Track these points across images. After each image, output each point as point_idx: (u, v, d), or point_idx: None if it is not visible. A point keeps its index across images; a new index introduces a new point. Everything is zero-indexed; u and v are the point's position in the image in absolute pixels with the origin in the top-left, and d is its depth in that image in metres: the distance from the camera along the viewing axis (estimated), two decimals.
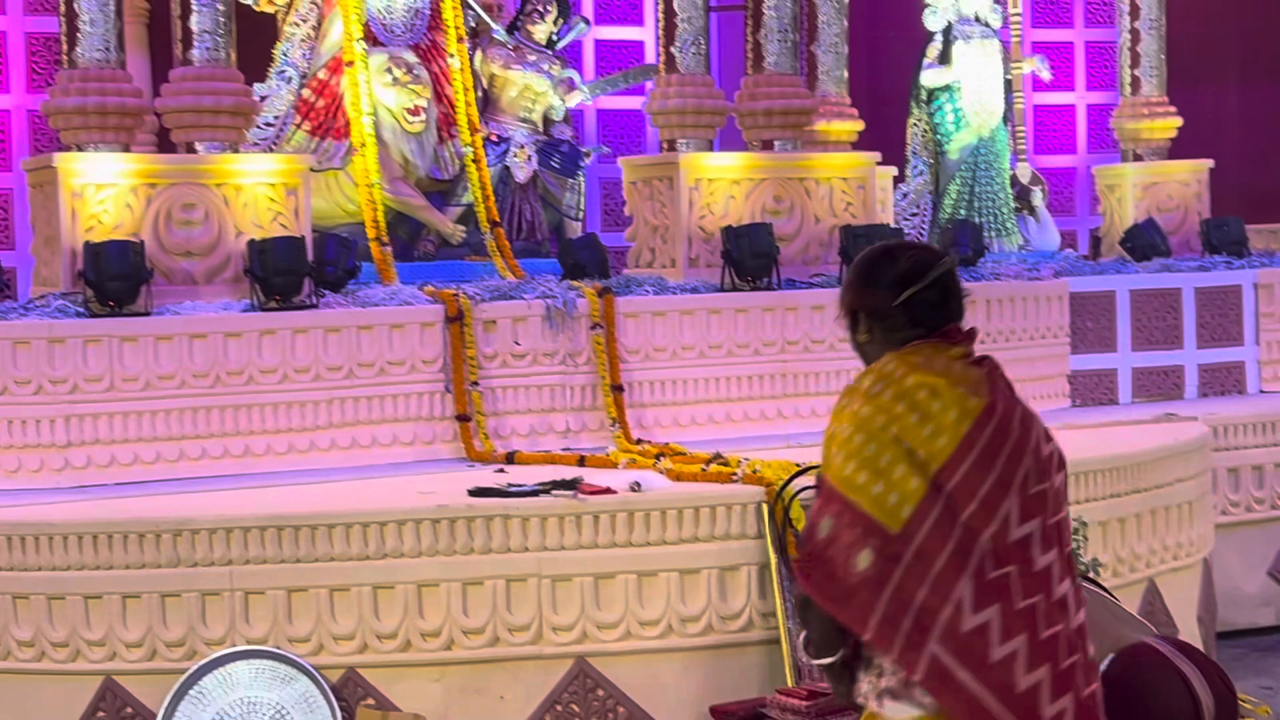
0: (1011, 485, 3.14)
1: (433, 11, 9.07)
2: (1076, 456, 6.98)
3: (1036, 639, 3.06)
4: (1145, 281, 9.60)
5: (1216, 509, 8.00)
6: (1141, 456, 7.29)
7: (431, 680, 5.99)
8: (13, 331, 7.30)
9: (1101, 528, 6.81)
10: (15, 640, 6.00)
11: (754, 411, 8.41)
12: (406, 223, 9.06)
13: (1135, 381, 9.47)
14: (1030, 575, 3.15)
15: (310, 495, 6.64)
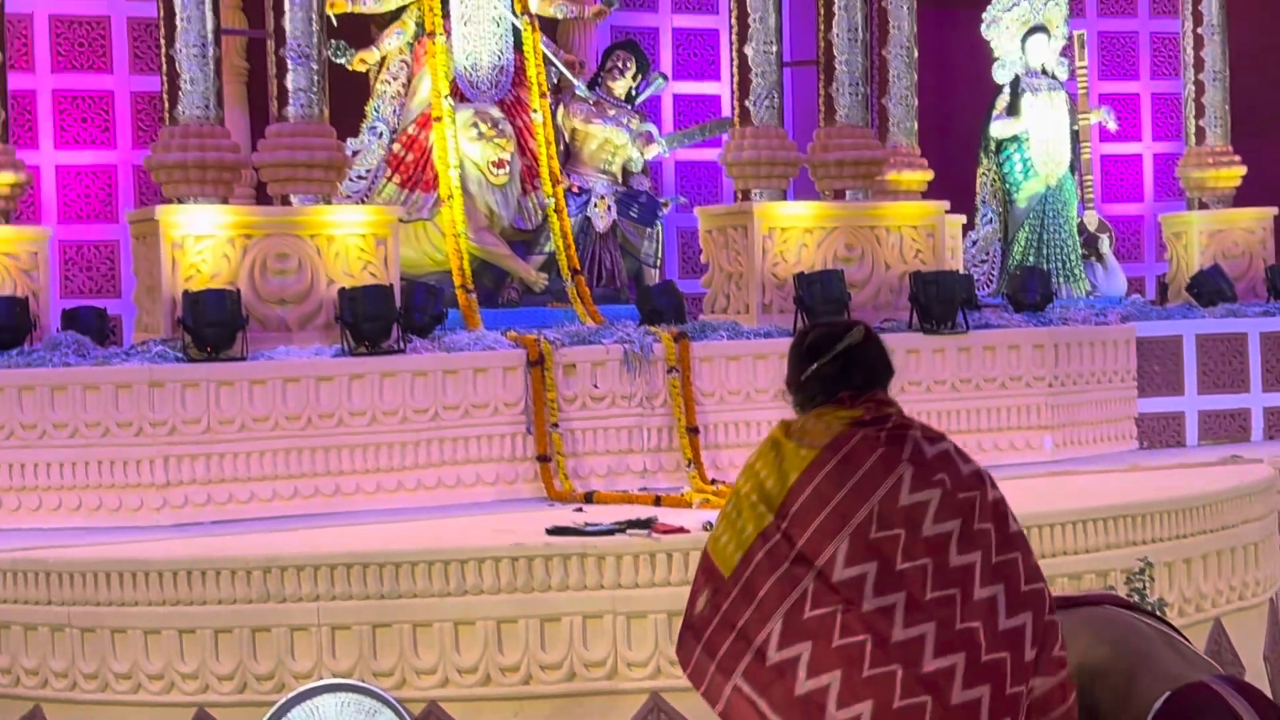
0: (845, 526, 3.30)
1: (517, 68, 9.14)
2: (1144, 499, 7.11)
3: (859, 676, 3.20)
4: (1211, 326, 9.56)
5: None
6: (1208, 498, 7.24)
7: (510, 715, 6.01)
8: (115, 376, 7.43)
9: (1168, 568, 6.78)
10: (113, 673, 6.08)
11: None
12: (491, 270, 9.10)
13: (1202, 424, 9.43)
14: (859, 615, 3.30)
15: (395, 534, 6.69)
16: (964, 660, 3.39)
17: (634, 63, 9.80)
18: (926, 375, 8.64)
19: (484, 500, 7.74)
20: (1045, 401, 8.87)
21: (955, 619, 3.49)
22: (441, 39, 8.99)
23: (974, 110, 10.66)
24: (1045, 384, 8.90)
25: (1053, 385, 8.95)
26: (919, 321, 8.80)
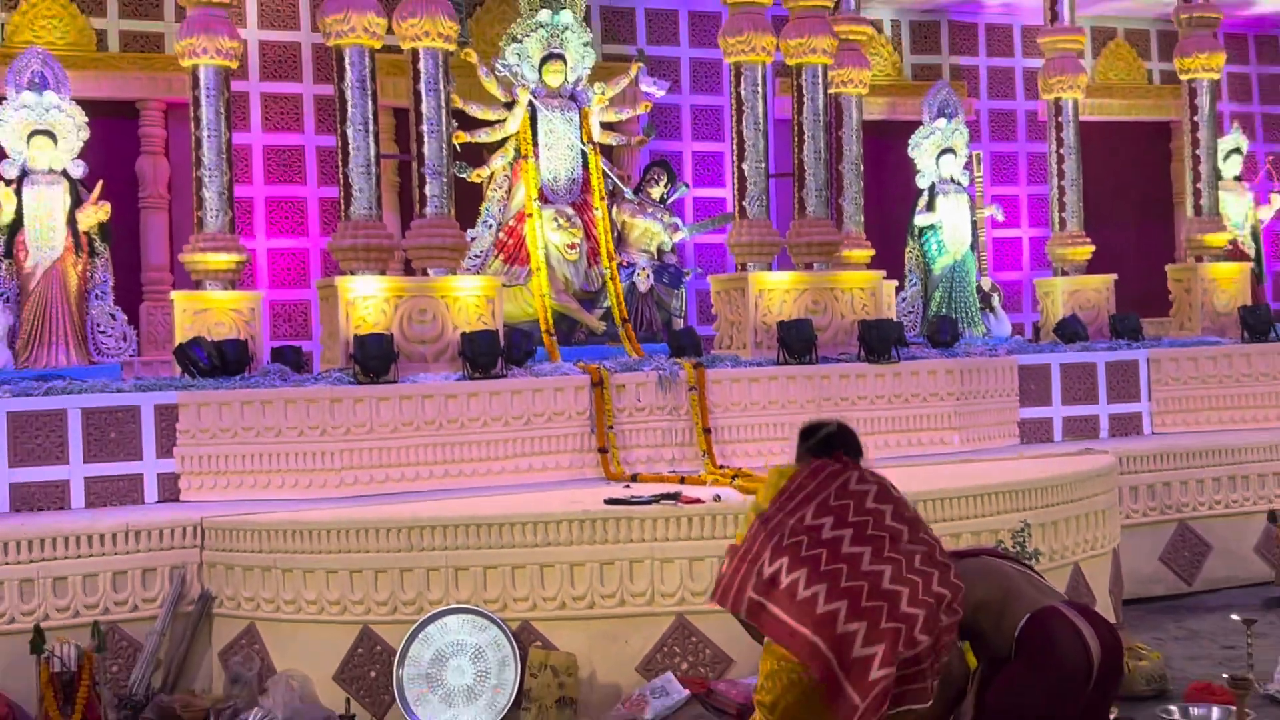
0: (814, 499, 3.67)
1: (584, 180, 9.23)
2: (1025, 478, 7.11)
3: (837, 588, 3.41)
4: (1071, 357, 9.52)
5: (1122, 514, 7.91)
6: (1070, 478, 7.24)
7: (579, 630, 6.02)
8: (307, 394, 7.49)
9: (1041, 528, 6.73)
10: (304, 600, 6.12)
11: None
12: (566, 320, 9.13)
13: (1065, 426, 9.37)
14: (836, 555, 3.58)
15: (499, 502, 6.70)
16: (909, 590, 3.48)
17: (665, 175, 9.86)
18: (870, 392, 8.67)
19: (561, 480, 7.79)
20: (954, 410, 8.85)
21: (906, 567, 3.59)
22: (532, 160, 9.07)
23: (903, 207, 10.67)
24: (954, 398, 8.88)
25: (959, 399, 8.92)
26: (865, 355, 8.81)
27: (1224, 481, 8.56)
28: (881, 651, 3.29)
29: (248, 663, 6.28)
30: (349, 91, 8.37)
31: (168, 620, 6.30)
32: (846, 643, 3.33)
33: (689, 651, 6.03)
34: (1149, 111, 12.54)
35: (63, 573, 6.26)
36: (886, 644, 3.28)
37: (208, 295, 8.31)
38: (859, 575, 3.53)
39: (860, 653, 3.29)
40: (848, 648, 3.32)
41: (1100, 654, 3.90)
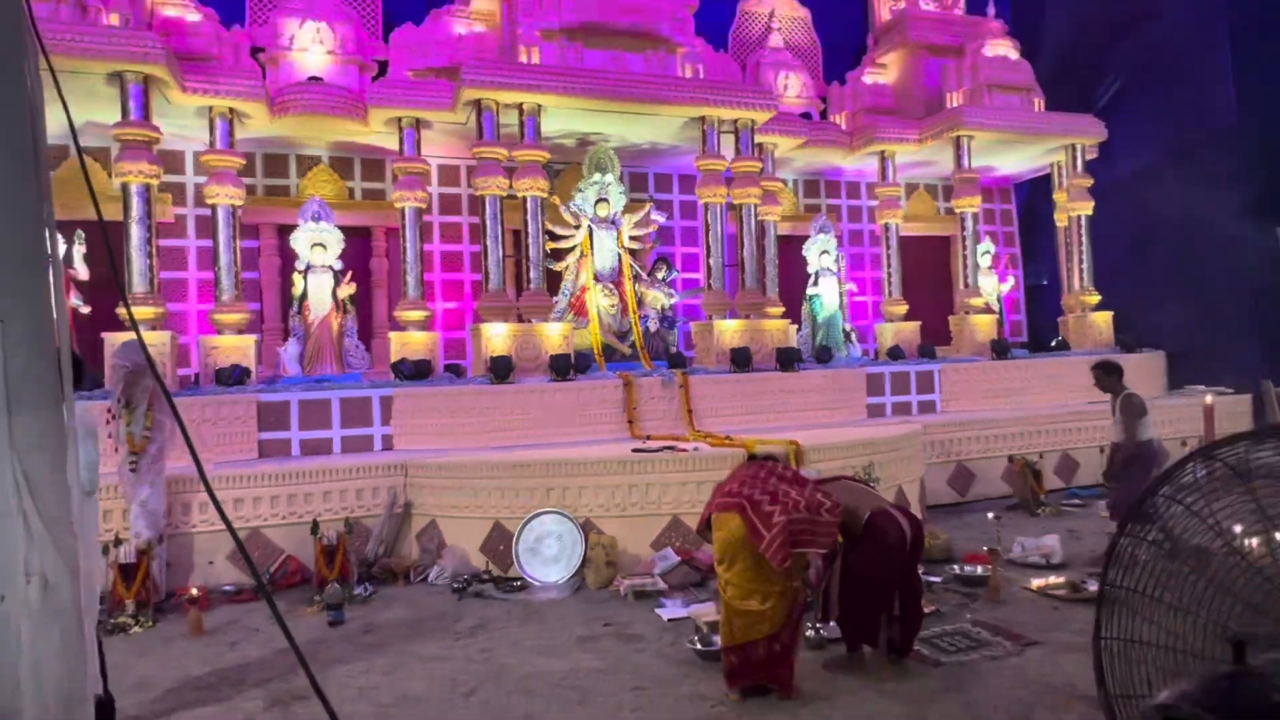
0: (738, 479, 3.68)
1: (619, 269, 9.25)
2: (869, 437, 7.03)
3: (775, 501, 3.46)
4: (896, 368, 9.42)
5: (925, 457, 7.85)
6: (895, 437, 7.15)
7: (617, 523, 6.01)
8: (463, 389, 7.56)
9: (880, 465, 6.73)
10: (462, 505, 6.19)
11: (743, 421, 8.32)
12: (608, 348, 9.10)
13: (893, 407, 9.31)
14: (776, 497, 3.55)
15: (571, 451, 6.68)
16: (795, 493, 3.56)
17: (665, 266, 9.88)
18: (782, 389, 8.64)
19: (606, 438, 7.73)
20: (829, 399, 8.84)
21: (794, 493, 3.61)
22: (589, 258, 9.12)
23: (800, 284, 10.53)
24: (829, 392, 8.88)
25: (832, 393, 8.92)
26: (779, 367, 8.76)
27: (982, 438, 8.53)
28: (779, 510, 3.52)
29: (431, 541, 6.35)
30: (487, 221, 8.46)
31: (386, 517, 6.39)
32: (760, 507, 3.57)
33: (679, 536, 6.01)
34: (938, 229, 12.50)
35: (329, 489, 6.37)
36: (780, 508, 3.54)
37: (409, 335, 8.39)
38: (766, 491, 3.64)
39: (767, 509, 3.56)
40: (761, 510, 3.56)
41: (911, 534, 3.95)
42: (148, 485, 5.58)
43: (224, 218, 8.17)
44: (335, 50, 8.89)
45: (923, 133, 10.74)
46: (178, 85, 7.71)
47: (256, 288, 9.26)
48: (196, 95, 7.92)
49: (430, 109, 8.59)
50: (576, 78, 8.49)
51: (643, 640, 4.60)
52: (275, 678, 4.22)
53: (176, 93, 7.77)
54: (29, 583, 1.08)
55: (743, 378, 8.53)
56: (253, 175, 9.23)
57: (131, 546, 5.36)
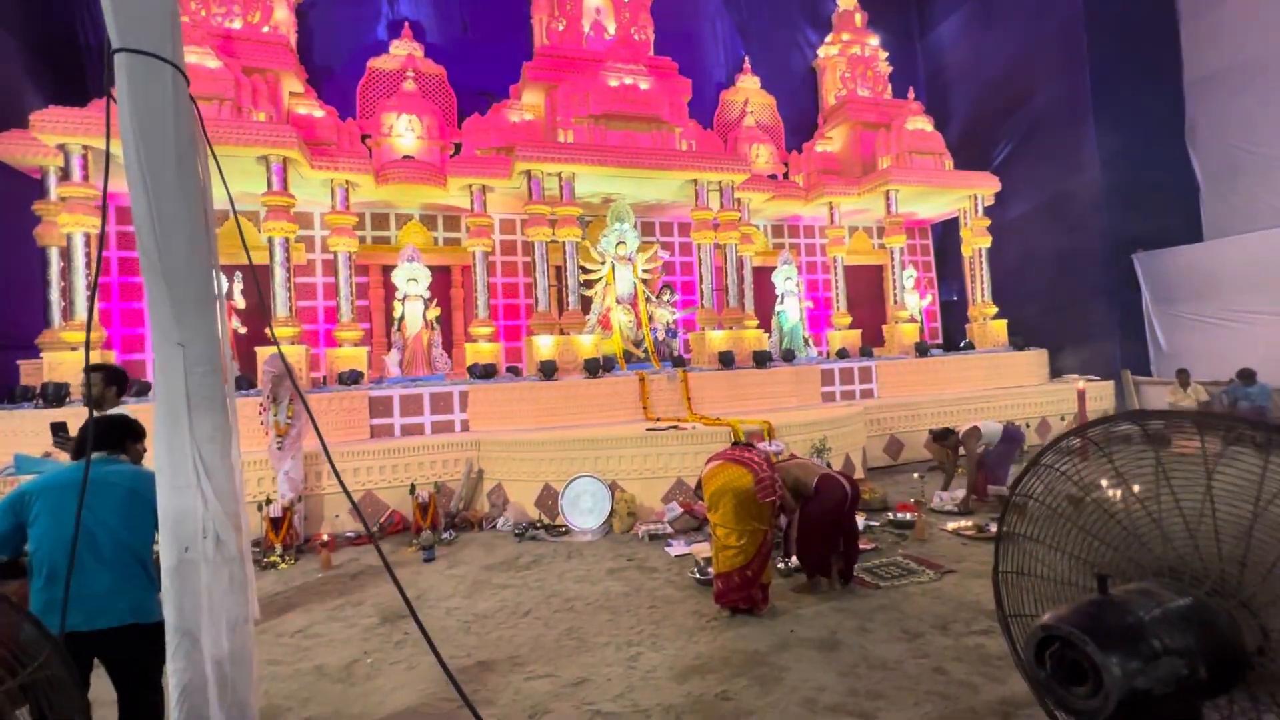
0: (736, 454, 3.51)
1: (634, 294, 9.14)
2: (824, 417, 6.89)
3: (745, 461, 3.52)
4: (843, 364, 9.27)
5: (866, 430, 7.77)
6: (844, 416, 7.04)
7: (637, 483, 5.93)
8: (521, 384, 7.48)
9: (833, 437, 6.68)
10: (522, 471, 6.15)
11: (729, 407, 8.22)
12: (627, 352, 8.98)
13: (841, 393, 9.21)
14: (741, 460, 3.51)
15: (602, 430, 6.62)
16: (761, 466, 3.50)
17: (669, 291, 9.80)
18: (757, 381, 8.48)
19: (626, 421, 7.62)
20: (793, 388, 8.75)
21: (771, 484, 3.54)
22: (612, 286, 9.08)
23: (770, 302, 10.43)
24: (793, 384, 8.79)
25: (795, 384, 8.83)
26: (755, 365, 8.68)
27: (909, 416, 8.44)
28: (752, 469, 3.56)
29: (498, 498, 6.35)
30: (536, 259, 8.47)
31: (465, 480, 6.40)
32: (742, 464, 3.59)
33: (682, 492, 5.95)
34: (874, 260, 12.37)
35: (422, 460, 6.38)
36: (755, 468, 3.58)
37: (479, 345, 8.41)
38: (742, 460, 3.61)
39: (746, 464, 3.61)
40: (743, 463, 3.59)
41: (850, 491, 3.92)
42: (290, 458, 5.64)
43: (343, 260, 8.24)
44: (423, 135, 8.94)
45: (861, 188, 10.65)
46: (308, 163, 7.80)
47: (367, 312, 9.32)
48: (321, 170, 8.01)
49: (493, 177, 8.63)
50: (601, 152, 8.49)
51: (657, 571, 4.60)
52: (386, 600, 4.26)
53: (307, 169, 7.86)
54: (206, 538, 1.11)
55: (728, 374, 8.46)
56: (363, 229, 9.33)
57: (278, 504, 5.42)
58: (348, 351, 7.95)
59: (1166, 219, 10.15)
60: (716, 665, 3.06)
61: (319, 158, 8.02)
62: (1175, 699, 0.71)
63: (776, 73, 12.34)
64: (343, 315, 8.21)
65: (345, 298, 8.22)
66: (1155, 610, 0.78)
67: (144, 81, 1.19)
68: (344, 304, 8.21)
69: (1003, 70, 11.76)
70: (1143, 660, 0.71)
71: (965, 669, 2.90)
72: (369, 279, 9.36)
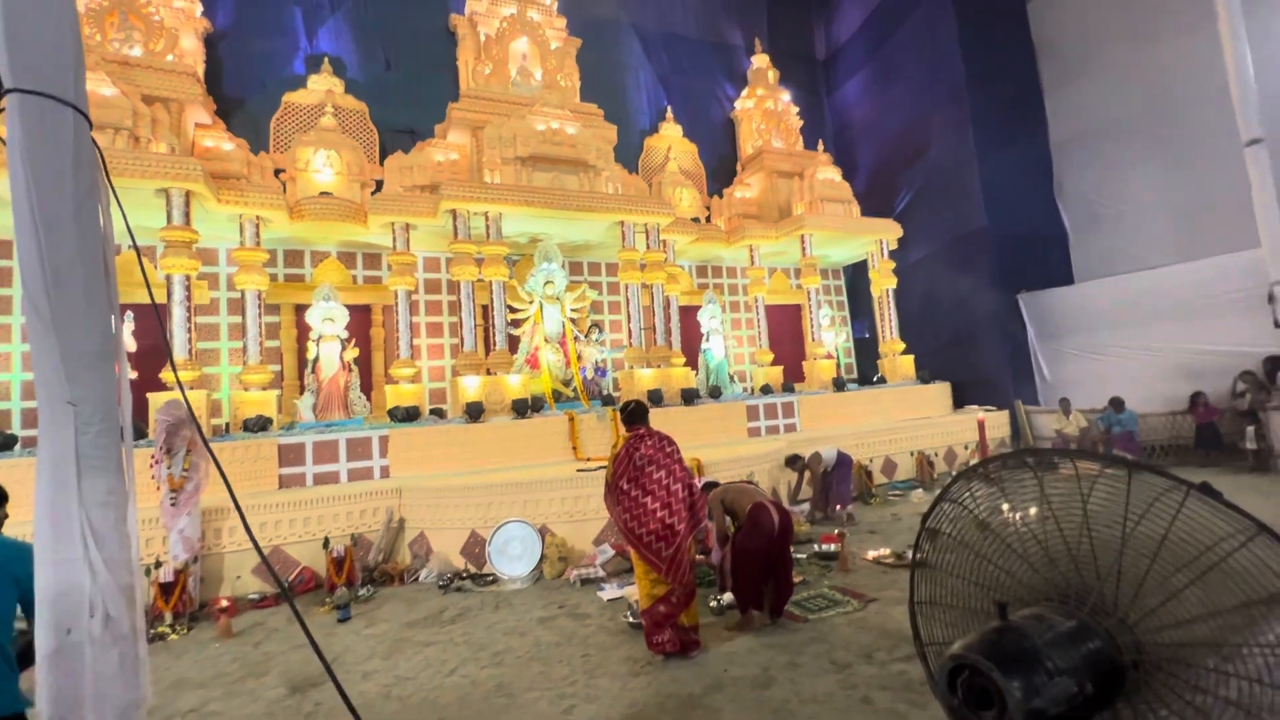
0: (631, 463, 3.47)
1: (563, 332, 9.13)
2: (751, 453, 7.00)
3: (656, 500, 3.32)
4: (766, 400, 9.47)
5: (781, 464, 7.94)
6: (769, 451, 7.20)
7: (567, 527, 5.83)
8: (446, 428, 7.25)
9: (759, 473, 6.81)
10: (446, 518, 5.92)
11: None
12: (556, 392, 8.91)
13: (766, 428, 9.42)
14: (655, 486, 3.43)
15: (530, 473, 6.48)
16: (680, 493, 3.53)
17: (598, 329, 9.85)
18: (686, 419, 8.58)
19: (556, 461, 7.51)
20: (720, 425, 8.90)
21: (676, 490, 3.60)
22: (540, 325, 9.04)
23: (696, 340, 10.64)
24: (720, 420, 8.95)
25: (722, 420, 8.99)
26: (684, 402, 8.81)
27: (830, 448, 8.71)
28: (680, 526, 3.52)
29: (420, 548, 6.05)
30: (462, 299, 8.33)
31: (384, 531, 6.07)
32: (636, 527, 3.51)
33: (613, 534, 5.86)
34: (792, 300, 12.87)
35: (337, 511, 6.01)
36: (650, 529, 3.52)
37: (401, 387, 8.10)
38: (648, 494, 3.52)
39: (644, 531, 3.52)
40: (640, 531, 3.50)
41: (780, 521, 3.99)
42: (185, 515, 5.16)
43: (251, 299, 7.78)
44: (342, 171, 8.70)
45: (778, 232, 11.23)
46: (214, 197, 7.39)
47: (277, 353, 8.80)
48: (229, 204, 7.61)
49: (417, 215, 8.47)
50: (529, 193, 8.55)
51: (589, 617, 4.49)
52: (294, 669, 3.92)
53: (213, 203, 7.44)
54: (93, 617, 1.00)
55: (657, 411, 8.49)
56: (275, 266, 8.86)
57: (170, 567, 4.92)
58: (255, 396, 7.44)
59: (1045, 263, 11.31)
60: (652, 712, 3.01)
61: (227, 191, 7.62)
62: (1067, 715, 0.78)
63: (697, 121, 12.93)
64: (250, 357, 7.70)
65: (253, 338, 7.74)
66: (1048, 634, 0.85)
67: (39, 124, 1.11)
68: (251, 345, 7.72)
69: (900, 127, 12.87)
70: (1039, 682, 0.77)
71: (890, 697, 3.00)
72: (280, 318, 8.86)
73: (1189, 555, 0.85)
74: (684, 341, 10.39)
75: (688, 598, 3.62)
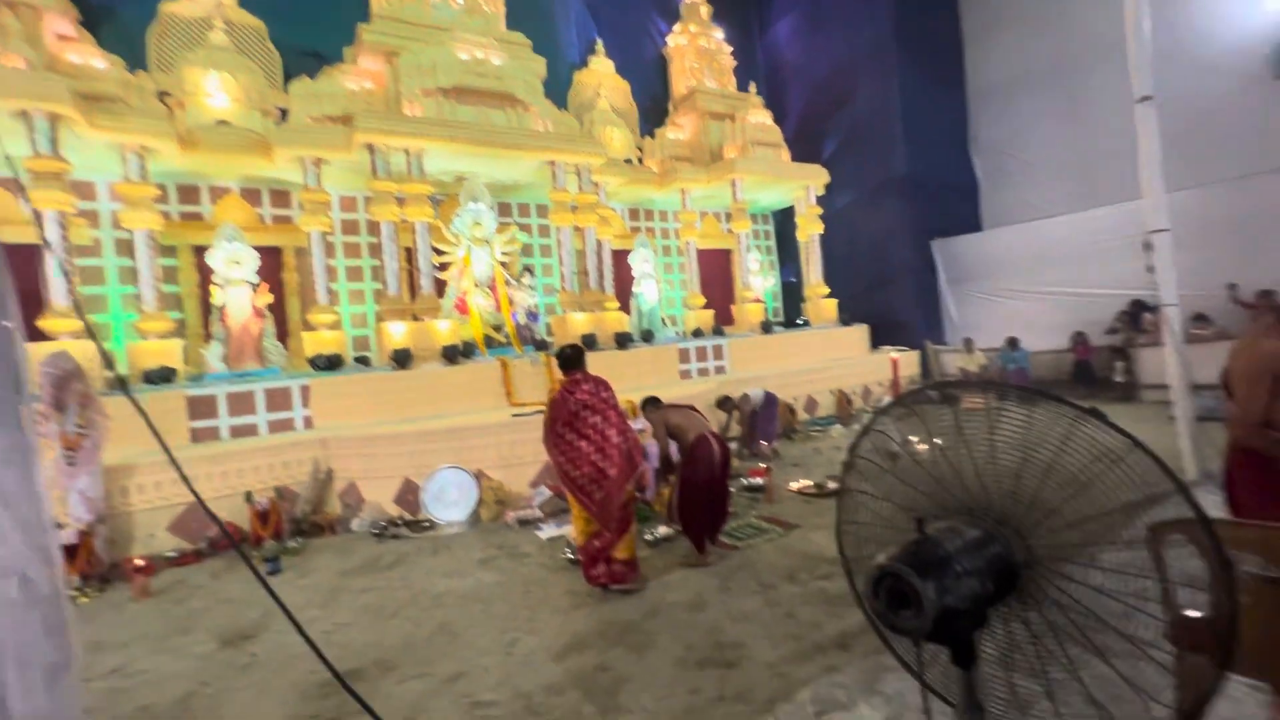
0: (567, 408, 3.49)
1: (493, 276, 8.85)
2: (687, 393, 7.09)
3: (590, 445, 3.44)
4: (695, 343, 9.63)
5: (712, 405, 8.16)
6: (700, 390, 7.38)
7: (504, 470, 5.85)
8: (372, 376, 7.03)
9: None
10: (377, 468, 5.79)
11: None
12: (487, 338, 8.71)
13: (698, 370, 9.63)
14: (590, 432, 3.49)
15: (465, 419, 6.44)
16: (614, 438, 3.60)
17: (529, 273, 9.57)
18: (619, 362, 8.62)
19: (490, 408, 7.46)
20: (654, 368, 9.00)
21: (610, 435, 3.64)
22: (469, 269, 8.72)
23: (629, 284, 10.60)
24: (654, 363, 9.05)
25: (656, 364, 9.09)
26: (617, 346, 8.83)
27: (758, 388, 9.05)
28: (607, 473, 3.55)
29: (351, 498, 5.94)
30: (384, 241, 7.91)
31: (312, 482, 5.89)
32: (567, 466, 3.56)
33: (550, 476, 5.94)
34: (723, 244, 12.96)
35: (258, 464, 5.78)
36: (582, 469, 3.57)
37: (321, 334, 7.70)
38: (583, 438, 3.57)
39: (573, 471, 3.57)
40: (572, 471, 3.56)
41: (720, 453, 4.16)
42: (85, 475, 4.79)
43: (143, 240, 7.06)
44: (240, 98, 7.86)
45: (710, 176, 11.20)
46: (85, 122, 6.53)
47: (178, 299, 8.09)
48: (106, 131, 6.74)
49: (329, 150, 7.84)
50: (452, 128, 8.06)
51: (529, 556, 4.60)
52: (223, 622, 3.82)
53: (85, 128, 6.57)
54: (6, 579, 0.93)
55: (591, 355, 8.43)
56: (168, 203, 8.02)
57: (72, 529, 4.60)
58: (155, 345, 6.87)
59: (958, 211, 11.91)
60: (593, 640, 3.16)
61: (102, 116, 6.74)
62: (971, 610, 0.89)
63: (628, 57, 12.45)
64: (146, 304, 7.06)
65: (148, 283, 7.07)
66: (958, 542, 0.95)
67: None
68: (147, 290, 7.06)
69: (829, 72, 12.92)
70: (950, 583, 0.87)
71: (811, 611, 3.28)
72: (179, 261, 8.11)
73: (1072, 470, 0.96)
74: (617, 286, 10.31)
75: (620, 533, 3.72)
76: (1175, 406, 4.83)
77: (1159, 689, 0.93)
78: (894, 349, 11.21)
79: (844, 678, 2.57)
